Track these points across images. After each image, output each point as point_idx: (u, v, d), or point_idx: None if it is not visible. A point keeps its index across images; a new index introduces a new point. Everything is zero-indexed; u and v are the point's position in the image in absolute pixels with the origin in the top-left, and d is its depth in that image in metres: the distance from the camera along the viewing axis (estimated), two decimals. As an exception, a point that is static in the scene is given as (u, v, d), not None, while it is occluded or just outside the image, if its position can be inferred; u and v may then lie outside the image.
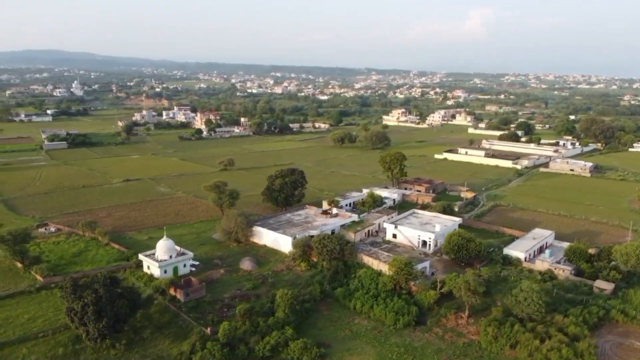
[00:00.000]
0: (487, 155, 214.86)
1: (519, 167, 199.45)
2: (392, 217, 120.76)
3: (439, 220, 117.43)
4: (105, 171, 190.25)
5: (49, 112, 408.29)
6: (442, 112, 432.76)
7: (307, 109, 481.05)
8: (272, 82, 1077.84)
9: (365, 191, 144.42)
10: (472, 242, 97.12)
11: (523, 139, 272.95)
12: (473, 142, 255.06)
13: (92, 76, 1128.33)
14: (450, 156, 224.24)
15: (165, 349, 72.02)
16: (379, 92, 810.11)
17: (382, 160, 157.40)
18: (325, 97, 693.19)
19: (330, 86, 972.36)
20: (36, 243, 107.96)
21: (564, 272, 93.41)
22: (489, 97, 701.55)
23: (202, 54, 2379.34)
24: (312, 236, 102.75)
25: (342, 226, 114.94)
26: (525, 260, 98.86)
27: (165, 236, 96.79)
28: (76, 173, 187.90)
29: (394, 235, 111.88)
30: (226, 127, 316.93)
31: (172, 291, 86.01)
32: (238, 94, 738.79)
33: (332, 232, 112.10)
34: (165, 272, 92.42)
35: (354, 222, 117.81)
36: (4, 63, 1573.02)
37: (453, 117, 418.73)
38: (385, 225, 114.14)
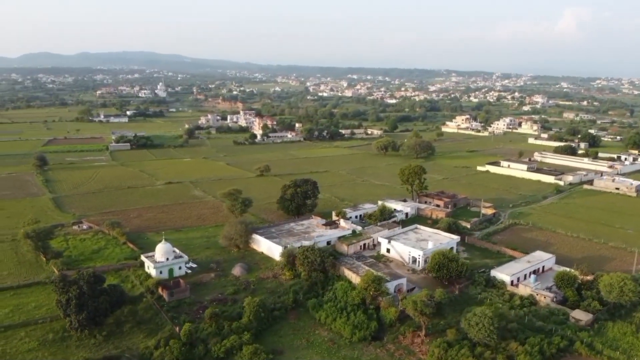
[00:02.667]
0: (529, 170, 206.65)
1: (561, 183, 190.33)
2: (394, 231, 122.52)
3: (437, 237, 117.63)
4: (154, 173, 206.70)
5: (128, 113, 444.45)
6: (507, 119, 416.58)
7: (369, 114, 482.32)
8: (345, 84, 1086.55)
9: (380, 203, 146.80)
10: (453, 262, 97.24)
11: (580, 152, 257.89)
12: (523, 154, 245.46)
13: (179, 78, 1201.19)
14: (492, 169, 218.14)
15: (137, 342, 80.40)
16: (452, 95, 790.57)
17: (401, 173, 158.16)
18: (393, 101, 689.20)
19: (403, 89, 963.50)
20: (65, 239, 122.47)
21: (545, 298, 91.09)
22: (570, 103, 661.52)
23: (284, 56, 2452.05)
24: (303, 246, 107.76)
25: (340, 238, 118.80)
26: (511, 284, 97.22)
27: (163, 240, 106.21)
28: (128, 174, 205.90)
29: (388, 250, 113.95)
30: (280, 133, 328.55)
31: (160, 291, 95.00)
32: (309, 97, 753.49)
33: (328, 243, 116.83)
34: (160, 272, 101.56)
35: (351, 234, 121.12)
36: (101, 63, 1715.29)
37: (519, 124, 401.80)
38: (380, 239, 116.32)
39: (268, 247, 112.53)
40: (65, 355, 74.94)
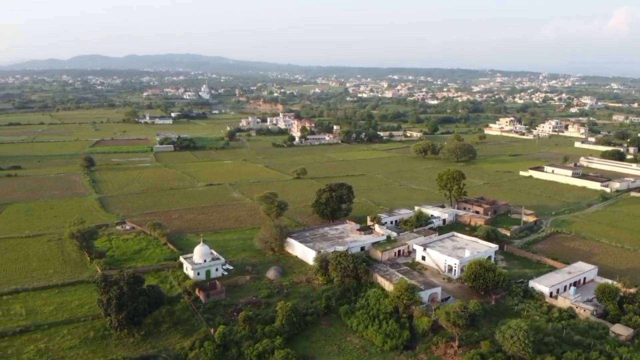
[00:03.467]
0: (574, 175, 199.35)
1: (608, 189, 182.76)
2: (430, 238, 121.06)
3: (475, 245, 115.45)
4: (195, 175, 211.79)
5: (172, 115, 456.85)
6: (553, 122, 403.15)
7: (409, 115, 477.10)
8: (385, 85, 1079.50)
9: (417, 209, 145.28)
10: (490, 272, 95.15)
11: (629, 157, 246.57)
12: (568, 159, 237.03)
13: (222, 80, 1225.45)
14: (535, 174, 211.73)
15: (173, 343, 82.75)
16: (497, 96, 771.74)
17: (439, 179, 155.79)
18: (434, 102, 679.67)
19: (445, 89, 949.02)
20: (109, 239, 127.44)
21: (585, 311, 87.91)
22: (620, 105, 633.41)
23: (325, 57, 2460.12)
24: (337, 251, 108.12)
25: (374, 244, 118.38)
26: (550, 296, 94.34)
27: (202, 242, 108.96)
28: (170, 175, 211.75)
29: (423, 258, 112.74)
30: (318, 135, 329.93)
31: (197, 292, 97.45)
32: (348, 98, 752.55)
33: (362, 249, 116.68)
34: (198, 274, 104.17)
35: (386, 240, 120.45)
36: (148, 66, 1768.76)
37: (566, 127, 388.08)
38: (415, 246, 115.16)
39: (302, 251, 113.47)
40: (105, 353, 77.85)
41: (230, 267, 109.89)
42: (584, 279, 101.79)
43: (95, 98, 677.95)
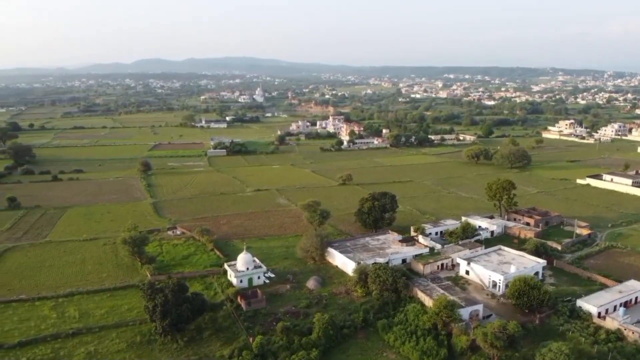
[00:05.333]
0: (634, 185, 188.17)
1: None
2: (475, 252, 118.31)
3: (522, 260, 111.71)
4: (245, 180, 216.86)
5: (227, 118, 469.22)
6: (616, 125, 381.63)
7: (463, 117, 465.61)
8: (440, 85, 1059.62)
9: (464, 219, 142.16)
10: (535, 290, 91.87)
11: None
12: (629, 167, 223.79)
13: (276, 82, 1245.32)
14: (593, 182, 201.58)
15: (214, 350, 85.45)
16: (557, 96, 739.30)
17: (488, 188, 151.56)
18: (491, 103, 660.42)
19: (503, 89, 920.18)
20: (160, 244, 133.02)
21: (634, 334, 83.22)
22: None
23: (378, 57, 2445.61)
24: (377, 263, 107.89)
25: (416, 256, 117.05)
26: (598, 316, 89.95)
27: (245, 250, 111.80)
28: (222, 180, 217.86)
29: (467, 272, 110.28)
30: (366, 139, 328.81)
31: (238, 300, 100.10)
32: (400, 99, 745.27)
33: (403, 261, 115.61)
34: (241, 281, 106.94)
35: (429, 253, 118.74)
36: (206, 69, 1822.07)
37: (630, 131, 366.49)
38: (459, 260, 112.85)
39: (342, 262, 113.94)
40: (150, 358, 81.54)
41: (272, 275, 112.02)
42: (636, 298, 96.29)
43: (155, 101, 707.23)
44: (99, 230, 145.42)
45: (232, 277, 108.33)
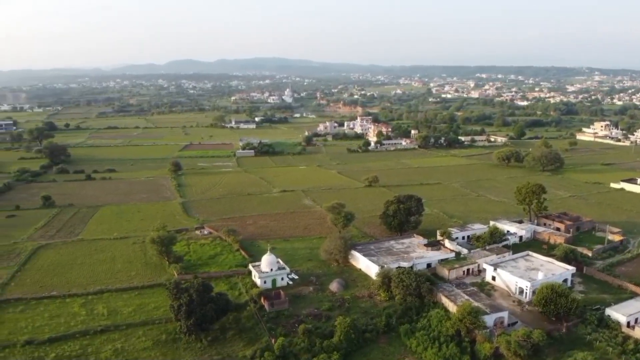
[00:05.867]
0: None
1: None
2: (502, 257, 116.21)
3: (550, 267, 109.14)
4: (272, 180, 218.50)
5: (256, 119, 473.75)
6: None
7: (495, 118, 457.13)
8: (472, 85, 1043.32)
9: (492, 224, 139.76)
10: (562, 297, 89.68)
11: None
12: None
13: (305, 82, 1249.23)
14: (628, 186, 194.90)
15: (237, 350, 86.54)
16: (593, 97, 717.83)
17: (518, 192, 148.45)
18: (524, 103, 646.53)
19: (537, 89, 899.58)
20: (188, 243, 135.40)
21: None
22: None
23: (408, 57, 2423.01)
24: (401, 267, 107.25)
25: (441, 261, 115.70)
26: (627, 325, 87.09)
27: (269, 251, 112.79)
28: (249, 181, 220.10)
29: (493, 278, 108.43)
30: (394, 140, 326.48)
31: (262, 300, 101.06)
32: (430, 99, 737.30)
33: (428, 266, 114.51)
34: (264, 282, 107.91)
35: (454, 258, 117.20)
36: (237, 69, 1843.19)
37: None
38: (485, 266, 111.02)
39: (366, 265, 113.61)
40: (174, 356, 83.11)
41: (296, 277, 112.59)
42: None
43: (187, 102, 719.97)
44: (130, 229, 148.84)
45: (256, 277, 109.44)
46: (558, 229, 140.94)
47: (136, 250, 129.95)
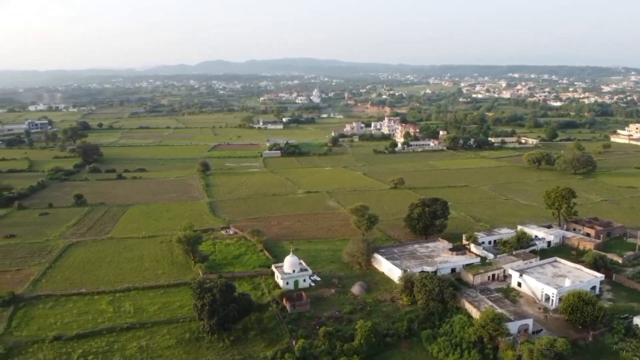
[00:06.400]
0: None
1: None
2: (529, 263, 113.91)
3: (578, 273, 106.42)
4: (297, 181, 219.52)
5: (284, 120, 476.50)
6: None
7: (527, 119, 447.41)
8: (504, 85, 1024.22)
9: (519, 228, 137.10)
10: (589, 305, 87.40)
11: None
12: None
13: (333, 83, 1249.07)
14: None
15: (258, 351, 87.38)
16: (629, 97, 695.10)
17: (547, 196, 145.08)
18: (557, 104, 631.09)
19: (571, 89, 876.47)
20: (213, 243, 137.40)
21: (700, 361, 77.15)
22: None
23: (438, 56, 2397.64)
24: (424, 271, 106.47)
25: (466, 266, 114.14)
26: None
27: (291, 252, 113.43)
28: (275, 181, 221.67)
29: (519, 284, 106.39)
30: (422, 141, 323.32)
31: (284, 301, 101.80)
32: (461, 99, 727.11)
33: (453, 271, 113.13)
34: (287, 283, 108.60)
35: (480, 263, 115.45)
36: (266, 70, 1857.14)
37: None
38: (510, 271, 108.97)
39: (388, 269, 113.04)
40: (197, 355, 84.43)
41: (318, 279, 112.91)
42: None
43: (217, 102, 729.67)
44: (158, 228, 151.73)
45: (278, 278, 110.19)
46: (588, 235, 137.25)
47: (163, 249, 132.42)
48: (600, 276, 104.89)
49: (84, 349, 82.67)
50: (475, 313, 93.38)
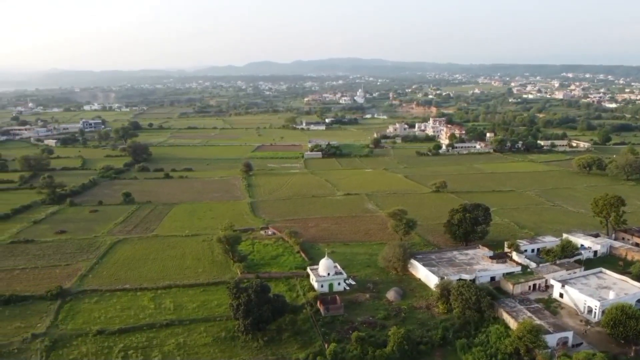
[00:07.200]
0: None
1: None
2: (572, 273, 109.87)
3: (623, 285, 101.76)
4: (336, 183, 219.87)
5: (326, 120, 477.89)
6: None
7: (579, 121, 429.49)
8: (556, 85, 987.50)
9: (565, 236, 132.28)
10: (632, 320, 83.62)
11: None
12: None
13: (378, 82, 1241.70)
14: None
15: (291, 352, 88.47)
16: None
17: (594, 204, 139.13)
18: (612, 105, 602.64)
19: (627, 90, 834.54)
20: (252, 243, 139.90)
21: None
22: None
23: (488, 55, 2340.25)
24: (462, 279, 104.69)
25: (506, 275, 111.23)
26: None
27: (326, 255, 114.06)
28: (315, 183, 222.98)
29: (561, 295, 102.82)
30: (467, 143, 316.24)
31: (318, 304, 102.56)
32: (511, 100, 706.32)
33: (492, 279, 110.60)
34: (321, 286, 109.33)
35: (521, 272, 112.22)
36: (312, 70, 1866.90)
37: None
38: (552, 282, 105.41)
39: (425, 275, 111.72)
40: (232, 354, 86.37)
41: (353, 283, 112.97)
42: None
43: (262, 103, 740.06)
44: (200, 227, 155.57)
45: (313, 281, 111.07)
46: (637, 245, 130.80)
47: (205, 248, 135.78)
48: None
49: (124, 344, 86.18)
50: (512, 324, 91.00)
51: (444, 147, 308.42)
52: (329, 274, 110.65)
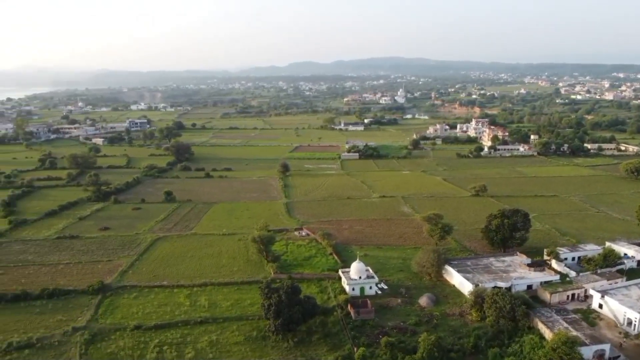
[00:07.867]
0: None
1: None
2: (614, 283, 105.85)
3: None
4: (372, 185, 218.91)
5: (365, 121, 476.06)
6: None
7: (630, 123, 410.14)
8: (607, 85, 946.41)
9: (607, 245, 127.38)
10: (678, 337, 79.74)
11: None
12: None
13: (420, 82, 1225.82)
14: None
15: (320, 354, 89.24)
16: None
17: (639, 210, 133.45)
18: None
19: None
20: (286, 243, 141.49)
21: None
22: None
23: (535, 53, 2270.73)
24: (497, 287, 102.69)
25: (544, 283, 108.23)
26: None
27: (358, 259, 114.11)
28: (350, 184, 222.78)
29: (600, 306, 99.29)
30: (510, 145, 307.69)
31: (348, 307, 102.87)
32: (558, 100, 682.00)
33: (529, 287, 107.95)
34: (353, 289, 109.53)
35: (559, 281, 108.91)
36: (352, 70, 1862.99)
37: None
38: (592, 292, 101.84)
39: (460, 282, 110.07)
40: (262, 354, 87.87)
41: (385, 287, 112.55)
42: None
43: (302, 103, 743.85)
44: (237, 226, 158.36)
45: (345, 284, 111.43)
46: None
47: (240, 247, 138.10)
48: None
49: (160, 339, 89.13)
50: (548, 334, 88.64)
51: (485, 149, 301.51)
52: (360, 278, 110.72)
